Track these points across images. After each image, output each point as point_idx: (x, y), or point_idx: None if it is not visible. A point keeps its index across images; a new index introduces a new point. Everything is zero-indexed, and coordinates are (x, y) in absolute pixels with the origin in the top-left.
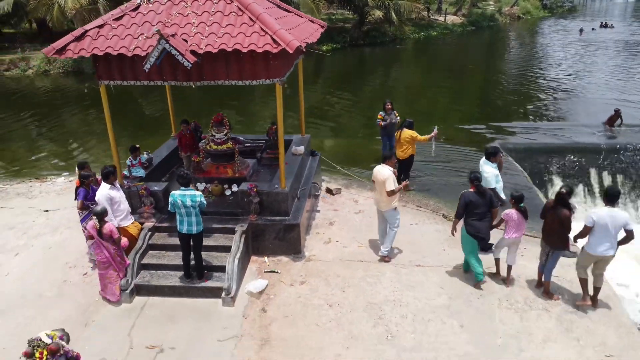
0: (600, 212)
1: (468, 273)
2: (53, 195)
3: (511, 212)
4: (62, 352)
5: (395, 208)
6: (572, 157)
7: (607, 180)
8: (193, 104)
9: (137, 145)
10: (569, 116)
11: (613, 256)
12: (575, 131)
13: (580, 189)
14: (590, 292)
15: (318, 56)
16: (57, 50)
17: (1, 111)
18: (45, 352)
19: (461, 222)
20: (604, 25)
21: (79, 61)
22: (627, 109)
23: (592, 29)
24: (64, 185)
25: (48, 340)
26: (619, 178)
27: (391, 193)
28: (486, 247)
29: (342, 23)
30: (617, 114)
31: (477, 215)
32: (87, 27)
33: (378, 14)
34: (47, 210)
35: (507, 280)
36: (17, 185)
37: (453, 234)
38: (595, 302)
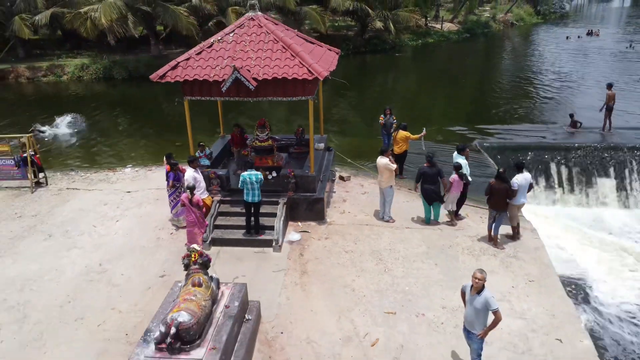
0: (518, 178)
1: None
2: (128, 181)
3: (454, 177)
4: (204, 255)
5: (391, 186)
6: (535, 154)
7: (564, 172)
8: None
9: (202, 143)
10: (544, 119)
11: (524, 203)
12: (542, 132)
13: (541, 178)
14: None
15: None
16: (159, 76)
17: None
18: (196, 254)
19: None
20: (589, 33)
21: (109, 68)
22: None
23: (578, 36)
24: (132, 174)
25: (198, 247)
26: (575, 169)
27: (390, 171)
28: (440, 200)
29: (345, 30)
30: (572, 118)
31: (428, 182)
32: (178, 59)
33: (378, 24)
34: (129, 191)
35: (452, 220)
36: (95, 174)
37: (415, 191)
38: (515, 236)
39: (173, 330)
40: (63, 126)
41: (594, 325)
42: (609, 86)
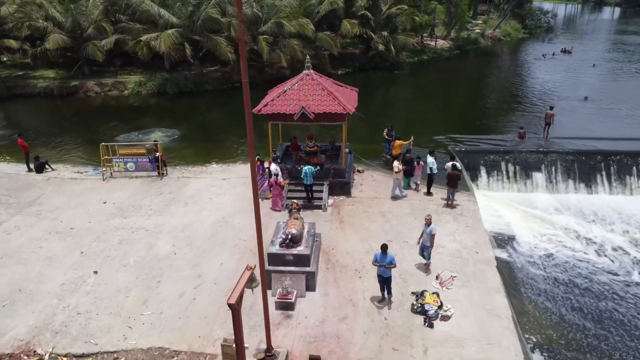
0: (448, 164)
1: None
2: (220, 172)
3: (421, 162)
4: (299, 206)
5: (398, 178)
6: (492, 156)
7: (511, 168)
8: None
9: (275, 149)
10: (504, 131)
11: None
12: (499, 141)
13: (499, 174)
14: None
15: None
16: (258, 110)
17: (129, 122)
18: (295, 205)
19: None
20: (563, 51)
21: (163, 85)
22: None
23: (553, 54)
24: (219, 167)
25: (295, 201)
26: (519, 168)
27: (399, 169)
28: (412, 174)
29: (351, 48)
30: (522, 131)
31: (407, 165)
32: (267, 100)
33: (380, 47)
34: (224, 179)
35: (417, 189)
36: (194, 168)
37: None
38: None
39: (289, 236)
40: (159, 132)
41: (510, 255)
42: (550, 108)
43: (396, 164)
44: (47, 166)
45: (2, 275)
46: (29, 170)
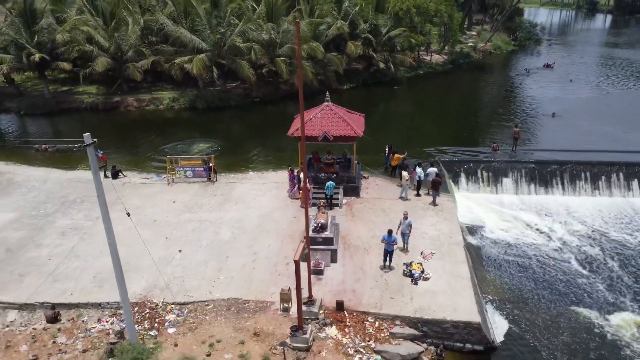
0: (430, 170)
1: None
2: (257, 179)
3: (416, 170)
4: (325, 205)
5: (406, 185)
6: (471, 165)
7: (485, 174)
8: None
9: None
10: (482, 143)
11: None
12: (477, 152)
13: (475, 179)
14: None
15: (342, 94)
16: (292, 133)
17: (168, 134)
18: (322, 203)
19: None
20: (545, 66)
21: (193, 100)
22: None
23: (536, 68)
24: (255, 175)
25: (322, 200)
26: (491, 174)
27: (406, 178)
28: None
29: (355, 63)
30: (495, 145)
31: (405, 170)
32: (297, 124)
33: (381, 65)
34: (262, 183)
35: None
36: (235, 174)
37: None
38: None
39: (319, 225)
40: (202, 144)
41: (480, 242)
42: (516, 125)
43: (405, 174)
44: (120, 173)
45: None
46: (106, 176)
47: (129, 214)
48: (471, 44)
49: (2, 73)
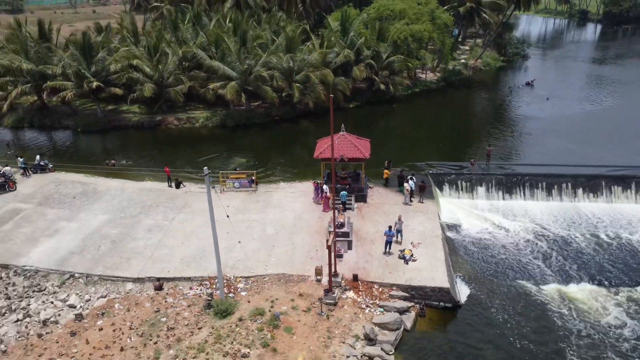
0: (416, 179)
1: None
2: (288, 188)
3: (408, 182)
4: (342, 210)
5: (408, 195)
6: (453, 176)
7: (464, 184)
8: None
9: (324, 176)
10: (464, 159)
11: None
12: (458, 166)
13: (456, 187)
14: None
15: (349, 112)
16: (317, 155)
17: (211, 146)
18: (341, 208)
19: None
20: (527, 84)
21: (224, 119)
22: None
23: (519, 86)
24: (286, 185)
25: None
26: (468, 184)
27: (407, 189)
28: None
29: (359, 83)
30: (473, 161)
31: (407, 182)
32: (320, 149)
33: (382, 86)
34: (292, 192)
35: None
36: (270, 185)
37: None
38: (422, 202)
39: (339, 223)
40: (239, 158)
41: (457, 236)
42: (489, 145)
43: (407, 185)
44: (182, 184)
45: (192, 245)
46: (169, 186)
47: (228, 216)
48: (463, 60)
49: (66, 98)
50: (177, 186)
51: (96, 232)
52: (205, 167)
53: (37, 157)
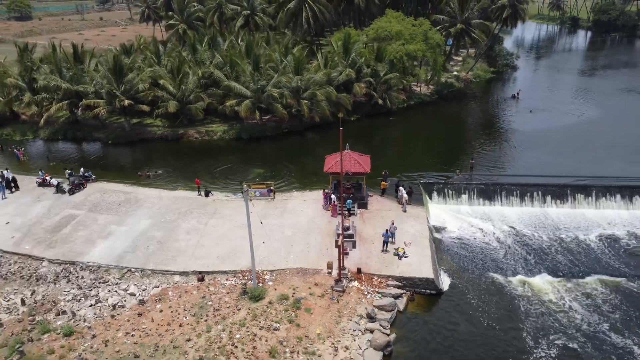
0: (403, 188)
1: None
2: (300, 196)
3: (402, 190)
4: (350, 215)
5: (405, 202)
6: (441, 185)
7: (450, 192)
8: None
9: (331, 187)
10: (450, 169)
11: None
12: (445, 176)
13: (443, 195)
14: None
15: (350, 124)
16: (326, 170)
17: (225, 160)
18: (347, 213)
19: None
20: (513, 97)
21: (239, 132)
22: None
23: (504, 99)
24: (299, 194)
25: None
26: (454, 192)
27: (405, 197)
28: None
29: (359, 97)
30: (458, 171)
31: (398, 186)
32: (329, 164)
33: (380, 101)
34: (304, 200)
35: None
36: (286, 194)
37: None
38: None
39: (346, 226)
40: (256, 169)
41: (442, 237)
42: (472, 159)
43: (404, 195)
44: (210, 193)
45: (225, 245)
46: (199, 194)
47: (261, 222)
48: (455, 72)
49: (100, 115)
50: (207, 195)
51: (143, 234)
52: (245, 185)
53: (82, 169)
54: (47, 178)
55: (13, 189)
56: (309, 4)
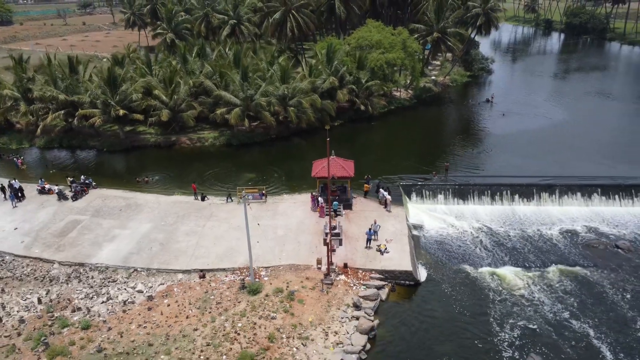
0: (384, 192)
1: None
2: (290, 200)
3: (381, 192)
4: (335, 215)
5: (389, 203)
6: (419, 186)
7: (427, 192)
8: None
9: (318, 190)
10: (427, 171)
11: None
12: (422, 178)
13: (421, 195)
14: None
15: (334, 129)
16: (313, 175)
17: (218, 165)
18: (334, 214)
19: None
20: (487, 100)
21: (229, 138)
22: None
23: (479, 103)
24: (289, 197)
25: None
26: (430, 192)
27: (389, 199)
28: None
29: (342, 103)
30: (434, 173)
31: (379, 187)
32: (316, 169)
33: (362, 107)
34: (294, 203)
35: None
36: (276, 197)
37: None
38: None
39: (333, 226)
40: (248, 174)
41: (420, 234)
42: (447, 162)
43: (388, 197)
44: (206, 198)
45: (222, 245)
46: (195, 199)
47: (258, 224)
48: (433, 77)
49: (95, 124)
50: (203, 199)
51: (146, 237)
52: (244, 192)
53: (82, 176)
54: (47, 186)
55: (21, 198)
56: (293, 15)
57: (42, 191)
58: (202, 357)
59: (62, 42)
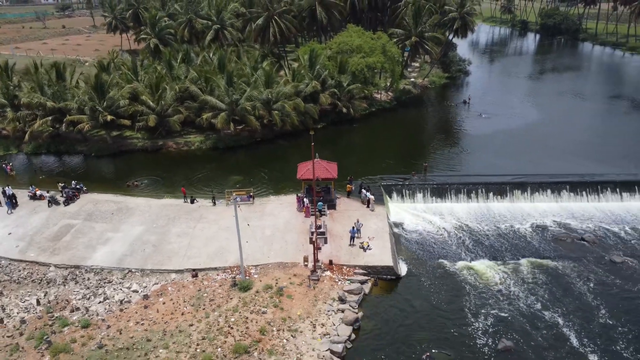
0: (366, 192)
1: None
2: (276, 201)
3: (363, 192)
4: (321, 215)
5: (372, 203)
6: (399, 186)
7: (407, 192)
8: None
9: (304, 191)
10: (407, 172)
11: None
12: (402, 178)
13: (401, 195)
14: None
15: (317, 132)
16: (299, 177)
17: (206, 167)
18: (319, 214)
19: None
20: (464, 102)
21: (215, 142)
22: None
23: (456, 104)
24: (275, 198)
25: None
26: (410, 192)
27: (372, 198)
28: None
29: (325, 106)
30: (414, 173)
31: (362, 188)
32: (301, 171)
33: (344, 110)
34: (281, 203)
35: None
36: (263, 199)
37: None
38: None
39: (318, 225)
40: (235, 176)
41: (400, 231)
42: (425, 162)
43: (371, 196)
44: (195, 200)
45: (213, 245)
46: (185, 202)
47: (248, 224)
48: (413, 79)
49: (83, 130)
50: (192, 202)
51: (138, 239)
52: (235, 194)
53: (73, 182)
54: (38, 192)
55: (14, 205)
56: (276, 20)
57: (34, 197)
58: (198, 350)
59: (42, 45)
